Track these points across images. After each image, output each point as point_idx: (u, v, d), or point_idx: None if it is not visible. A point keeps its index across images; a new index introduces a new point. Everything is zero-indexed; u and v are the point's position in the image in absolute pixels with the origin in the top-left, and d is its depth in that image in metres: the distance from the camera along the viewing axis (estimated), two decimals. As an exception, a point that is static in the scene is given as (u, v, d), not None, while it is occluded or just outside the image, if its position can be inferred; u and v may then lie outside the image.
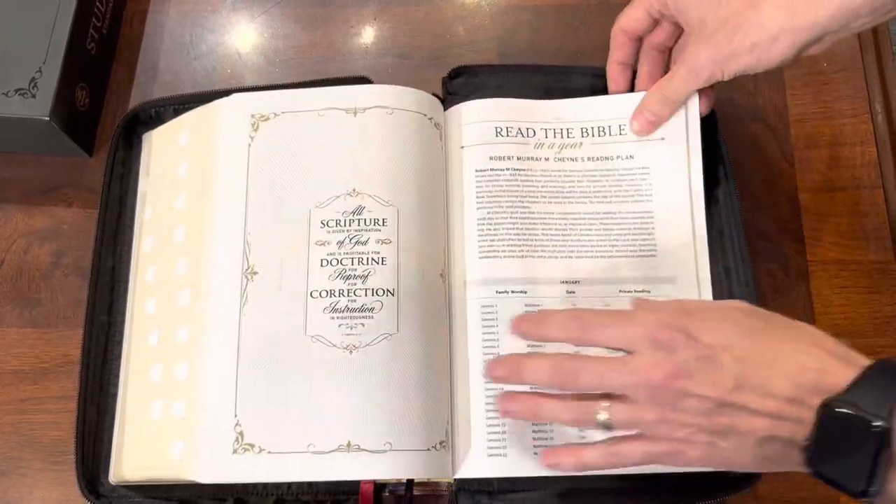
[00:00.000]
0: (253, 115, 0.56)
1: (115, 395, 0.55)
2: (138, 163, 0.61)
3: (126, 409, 0.55)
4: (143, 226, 0.59)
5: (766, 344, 0.42)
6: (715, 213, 0.58)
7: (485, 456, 0.51)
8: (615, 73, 0.58)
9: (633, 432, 0.45)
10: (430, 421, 0.50)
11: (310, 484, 0.53)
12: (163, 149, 0.60)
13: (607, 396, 0.44)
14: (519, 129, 0.58)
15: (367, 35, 0.67)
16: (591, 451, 0.46)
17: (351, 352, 0.51)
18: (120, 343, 0.56)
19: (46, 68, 0.58)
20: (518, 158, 0.57)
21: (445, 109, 0.59)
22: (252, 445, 0.49)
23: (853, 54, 0.65)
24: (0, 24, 0.60)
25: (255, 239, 0.54)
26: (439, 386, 0.52)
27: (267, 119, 0.56)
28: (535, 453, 0.52)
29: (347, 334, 0.51)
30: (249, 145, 0.56)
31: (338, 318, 0.52)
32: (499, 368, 0.47)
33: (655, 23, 0.56)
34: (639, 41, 0.57)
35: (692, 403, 0.42)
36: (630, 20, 0.56)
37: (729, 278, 0.56)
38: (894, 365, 0.40)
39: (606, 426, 0.44)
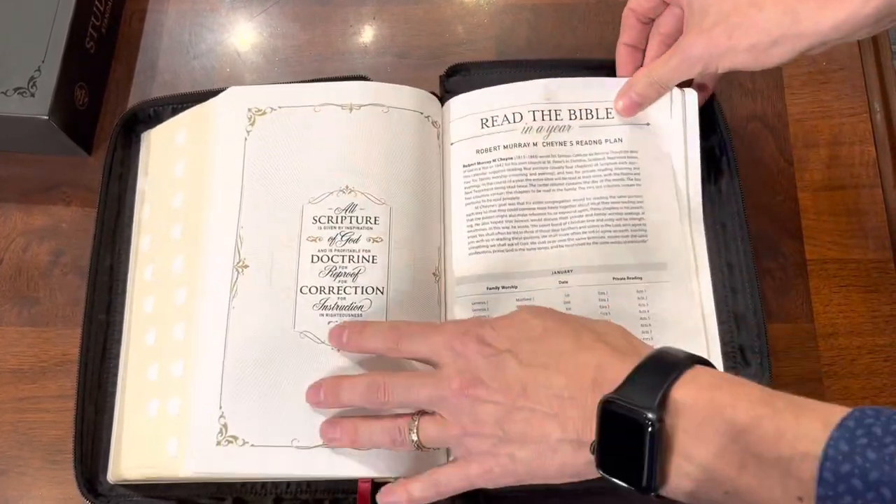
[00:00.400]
0: (250, 109, 0.56)
1: (113, 394, 0.55)
2: (137, 162, 0.61)
3: (124, 407, 0.55)
4: (141, 224, 0.59)
5: (549, 344, 0.43)
6: (717, 206, 0.57)
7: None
8: (624, 56, 0.58)
9: (451, 459, 0.47)
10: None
11: (308, 483, 0.53)
12: (161, 148, 0.60)
13: (421, 414, 0.46)
14: (505, 115, 0.57)
15: (366, 34, 0.67)
16: (417, 483, 0.46)
17: (338, 348, 0.51)
18: (118, 342, 0.56)
19: (45, 67, 0.58)
20: (504, 147, 0.57)
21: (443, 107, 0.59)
22: (235, 438, 0.49)
23: (852, 53, 0.65)
24: (-1, 24, 0.60)
25: (248, 233, 0.54)
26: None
27: (264, 113, 0.56)
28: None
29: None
30: (246, 139, 0.56)
31: (326, 314, 0.52)
32: (318, 393, 0.48)
33: (665, 5, 0.56)
34: (648, 24, 0.57)
35: (488, 410, 0.43)
36: (639, 3, 0.56)
37: (732, 273, 0.56)
38: (665, 354, 0.40)
39: (418, 446, 0.46)
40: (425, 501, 0.47)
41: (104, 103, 0.65)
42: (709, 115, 0.58)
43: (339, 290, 0.52)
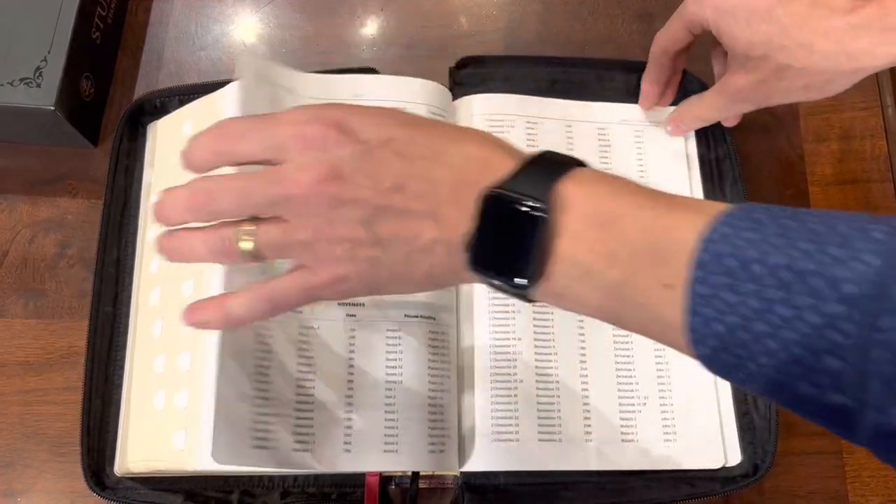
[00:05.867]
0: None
1: (120, 387, 0.55)
2: (143, 153, 0.60)
3: (131, 400, 0.54)
4: (147, 216, 0.59)
5: (430, 136, 0.37)
6: None
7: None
8: (648, 90, 0.59)
9: (290, 267, 0.39)
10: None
11: (315, 477, 0.52)
12: (167, 139, 0.60)
13: (257, 221, 0.38)
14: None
15: (374, 25, 0.67)
16: (238, 298, 0.39)
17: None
18: (125, 334, 0.56)
19: (51, 58, 0.58)
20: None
21: (453, 100, 0.59)
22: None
23: (864, 46, 0.64)
24: (5, 14, 0.59)
25: None
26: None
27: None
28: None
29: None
30: None
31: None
32: (153, 209, 0.40)
33: (695, 38, 0.55)
34: (676, 57, 0.57)
35: (349, 211, 0.36)
36: (671, 40, 0.56)
37: None
38: (552, 153, 0.37)
39: (254, 256, 0.38)
40: (251, 320, 0.40)
41: (110, 94, 0.65)
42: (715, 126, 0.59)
43: None
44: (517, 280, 0.35)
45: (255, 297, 0.39)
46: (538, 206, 0.34)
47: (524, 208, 0.34)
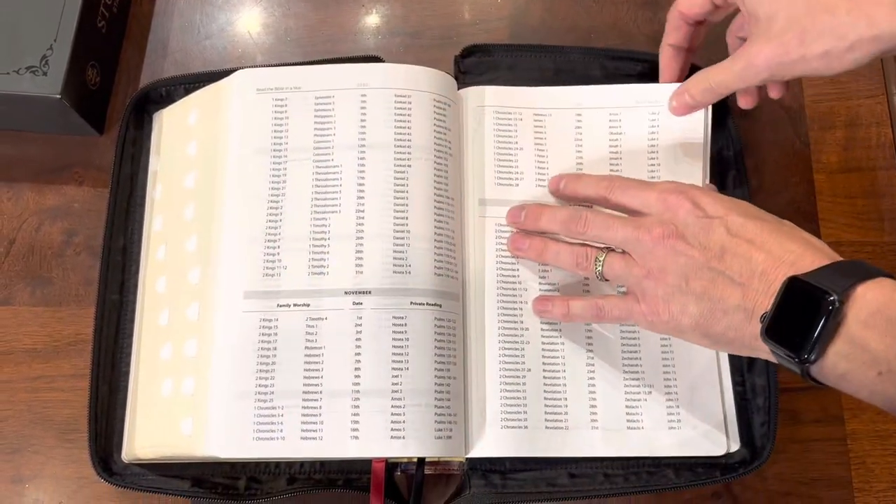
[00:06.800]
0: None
1: (127, 374, 0.55)
2: (149, 142, 0.61)
3: (138, 387, 0.55)
4: (153, 204, 0.59)
5: (759, 226, 0.45)
6: None
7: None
8: (668, 59, 0.57)
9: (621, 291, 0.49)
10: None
11: (322, 463, 0.53)
12: (173, 127, 0.60)
13: (610, 251, 0.49)
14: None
15: (379, 14, 0.67)
16: (578, 301, 0.51)
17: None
18: (131, 321, 0.56)
19: (57, 46, 0.58)
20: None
21: (459, 88, 0.58)
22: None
23: (870, 34, 0.64)
24: (11, 2, 0.59)
25: None
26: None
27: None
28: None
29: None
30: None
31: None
32: (519, 214, 0.53)
33: (716, 7, 0.54)
34: (696, 26, 0.56)
35: (679, 262, 0.45)
36: (690, 3, 0.54)
37: None
38: (862, 262, 0.42)
39: (599, 276, 0.49)
40: (582, 321, 0.52)
41: (115, 83, 0.65)
42: (721, 116, 0.58)
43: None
44: (801, 355, 0.40)
45: (590, 304, 0.50)
46: (832, 298, 0.39)
47: (819, 295, 0.39)
